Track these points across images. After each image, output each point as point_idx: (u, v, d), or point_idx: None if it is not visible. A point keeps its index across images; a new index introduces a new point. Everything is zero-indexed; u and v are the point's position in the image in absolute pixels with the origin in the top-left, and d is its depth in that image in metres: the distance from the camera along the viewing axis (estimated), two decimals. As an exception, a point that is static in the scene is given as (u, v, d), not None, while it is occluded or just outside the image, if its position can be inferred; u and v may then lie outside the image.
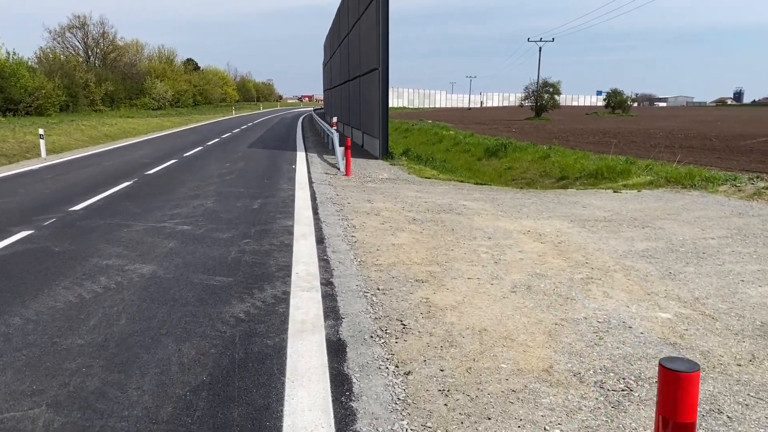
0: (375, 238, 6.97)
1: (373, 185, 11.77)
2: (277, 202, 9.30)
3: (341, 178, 12.65)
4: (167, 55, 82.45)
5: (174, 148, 19.69)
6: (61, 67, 49.66)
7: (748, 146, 26.17)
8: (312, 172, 13.35)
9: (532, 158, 19.35)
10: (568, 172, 16.21)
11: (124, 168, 13.94)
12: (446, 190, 11.55)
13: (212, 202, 9.12)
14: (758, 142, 28.05)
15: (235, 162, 15.21)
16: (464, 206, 9.47)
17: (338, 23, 30.09)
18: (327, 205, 9.15)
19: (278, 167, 14.20)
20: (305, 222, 7.73)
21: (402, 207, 9.19)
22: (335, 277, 5.31)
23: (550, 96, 67.09)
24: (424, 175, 13.99)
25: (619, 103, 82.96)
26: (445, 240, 7.00)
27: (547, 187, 16.01)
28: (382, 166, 15.32)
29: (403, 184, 12.23)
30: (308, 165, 14.85)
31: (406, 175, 13.87)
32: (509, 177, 18.26)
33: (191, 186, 10.90)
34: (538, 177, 17.07)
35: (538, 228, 7.95)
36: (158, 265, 5.59)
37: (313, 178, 12.34)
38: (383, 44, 16.39)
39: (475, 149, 24.27)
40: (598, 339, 4.22)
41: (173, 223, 7.56)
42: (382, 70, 16.50)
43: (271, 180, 11.88)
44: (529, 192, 11.77)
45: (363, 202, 9.53)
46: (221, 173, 12.85)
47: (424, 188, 11.61)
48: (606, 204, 10.13)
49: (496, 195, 11.02)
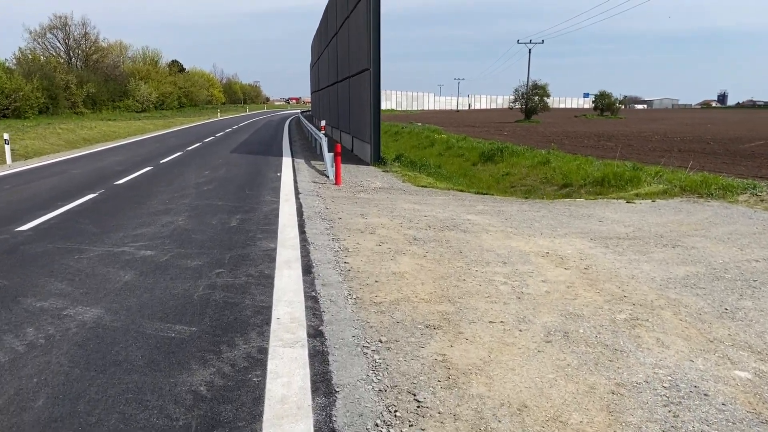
0: (372, 264, 5.93)
1: (365, 196, 10.73)
2: (258, 217, 8.23)
3: (331, 188, 11.59)
4: (152, 57, 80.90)
5: (152, 154, 18.52)
6: (40, 69, 48.09)
7: (748, 150, 25.44)
8: (299, 181, 12.28)
9: (530, 163, 18.41)
10: (571, 178, 15.27)
11: (93, 176, 12.78)
12: (446, 201, 10.53)
13: (184, 219, 8.02)
14: (757, 146, 27.35)
15: (216, 169, 14.09)
16: (469, 221, 8.46)
17: (326, 23, 29.04)
18: (315, 221, 8.09)
19: (262, 175, 13.11)
20: (290, 244, 6.67)
21: (400, 223, 8.16)
22: (326, 323, 4.26)
23: (539, 98, 66.52)
24: (420, 183, 12.97)
25: (607, 106, 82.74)
26: (454, 266, 5.98)
27: (549, 195, 15.06)
28: (375, 174, 14.28)
29: (399, 194, 11.21)
30: (295, 172, 13.78)
31: (401, 183, 12.84)
32: (508, 184, 17.30)
33: (164, 199, 9.78)
34: (539, 184, 16.12)
35: (557, 249, 6.96)
36: (106, 308, 4.50)
37: (300, 188, 11.27)
38: (374, 43, 15.37)
39: (469, 154, 23.32)
40: (673, 417, 3.21)
41: (135, 246, 6.46)
42: (374, 70, 15.47)
43: (253, 191, 10.79)
44: (535, 203, 10.79)
45: (356, 217, 8.48)
46: (199, 183, 11.74)
47: (422, 199, 10.59)
48: (623, 217, 9.16)
49: (501, 207, 10.03)
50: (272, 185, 11.59)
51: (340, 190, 11.42)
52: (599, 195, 13.66)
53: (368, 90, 15.78)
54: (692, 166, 18.48)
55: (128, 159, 16.80)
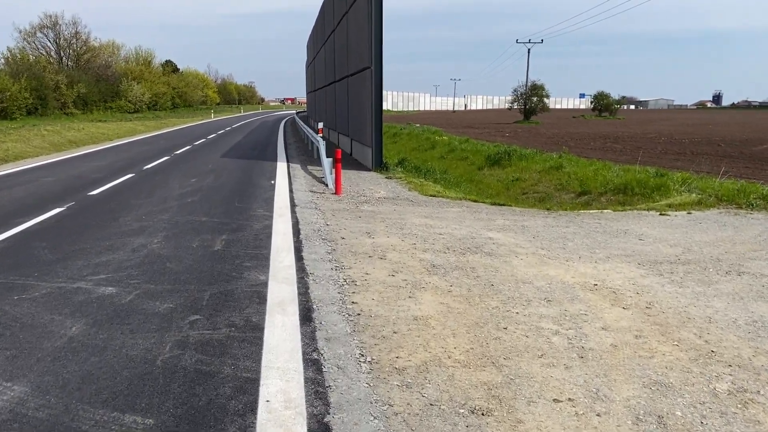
0: (387, 305, 4.77)
1: (369, 208, 9.56)
2: (248, 238, 7.05)
3: (330, 198, 10.43)
4: (145, 57, 79.47)
5: (137, 158, 17.30)
6: (29, 68, 46.74)
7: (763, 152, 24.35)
8: (295, 191, 11.11)
9: (541, 168, 17.28)
10: (589, 185, 14.15)
11: (67, 185, 11.56)
12: (460, 213, 9.38)
13: (160, 241, 6.83)
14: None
15: (204, 177, 12.89)
16: (492, 241, 7.31)
17: (322, 19, 27.86)
18: (314, 242, 6.92)
19: (254, 184, 11.92)
20: (285, 275, 5.50)
21: (413, 243, 7.00)
22: (334, 408, 3.09)
23: (538, 99, 65.56)
24: (428, 192, 11.81)
25: (605, 106, 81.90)
26: (488, 307, 4.82)
27: (568, 205, 13.93)
28: (377, 180, 13.11)
29: (406, 205, 10.05)
30: (290, 180, 12.60)
31: (407, 192, 11.68)
32: (519, 190, 16.17)
33: (140, 213, 8.58)
34: (554, 191, 14.99)
35: (605, 278, 5.81)
36: (33, 385, 3.32)
37: (296, 199, 10.09)
38: (376, 39, 14.22)
39: (474, 157, 22.19)
40: None
41: (94, 281, 5.28)
42: (375, 68, 14.31)
43: (243, 203, 9.60)
44: (560, 216, 9.64)
45: (361, 236, 7.31)
46: (183, 193, 10.53)
47: (433, 212, 9.43)
48: (664, 234, 8.03)
49: (523, 221, 8.88)
50: (265, 195, 10.41)
51: (340, 200, 10.25)
52: (624, 205, 12.53)
53: (369, 90, 14.62)
54: (712, 171, 17.40)
55: (110, 164, 15.57)
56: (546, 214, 9.75)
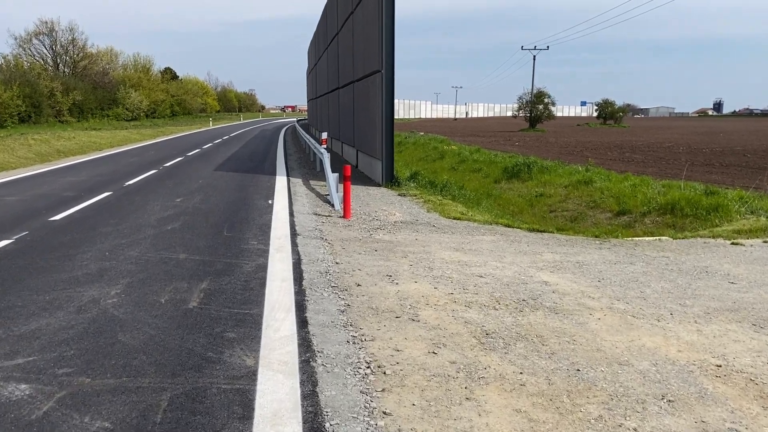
0: (436, 419, 3.14)
1: (386, 236, 7.95)
2: (235, 287, 5.42)
3: (338, 223, 8.81)
4: (143, 64, 78.00)
5: (121, 172, 15.69)
6: (22, 75, 45.26)
7: None
8: (296, 213, 9.49)
9: (567, 182, 15.68)
10: (627, 204, 12.54)
11: (27, 207, 9.92)
12: (495, 243, 7.76)
13: (118, 294, 5.20)
14: None
15: (191, 196, 11.25)
16: (549, 287, 5.69)
17: (325, 23, 26.34)
18: (322, 292, 5.30)
19: (249, 204, 10.30)
20: (282, 358, 3.87)
21: (449, 293, 5.38)
22: None
23: (544, 107, 64.12)
24: (450, 213, 10.19)
25: (610, 114, 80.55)
26: (588, 417, 3.19)
27: (603, 225, 12.31)
28: (389, 199, 11.50)
29: (429, 231, 8.43)
30: (290, 199, 10.98)
31: (426, 213, 10.07)
32: (545, 208, 14.55)
33: (104, 248, 6.94)
34: (586, 209, 13.38)
35: (722, 352, 4.19)
36: None
37: (298, 225, 8.48)
38: (387, 39, 12.66)
39: (489, 168, 20.60)
40: None
41: (3, 371, 3.65)
42: (386, 72, 12.74)
43: (234, 231, 7.97)
44: (614, 246, 8.00)
45: (382, 281, 5.69)
46: (163, 218, 8.89)
47: (463, 241, 7.81)
48: (757, 275, 6.40)
49: (575, 254, 7.25)
50: (261, 220, 8.78)
51: (350, 226, 8.63)
52: (673, 228, 10.92)
53: (379, 96, 13.04)
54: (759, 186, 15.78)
55: (89, 179, 13.95)
56: (597, 243, 8.12)
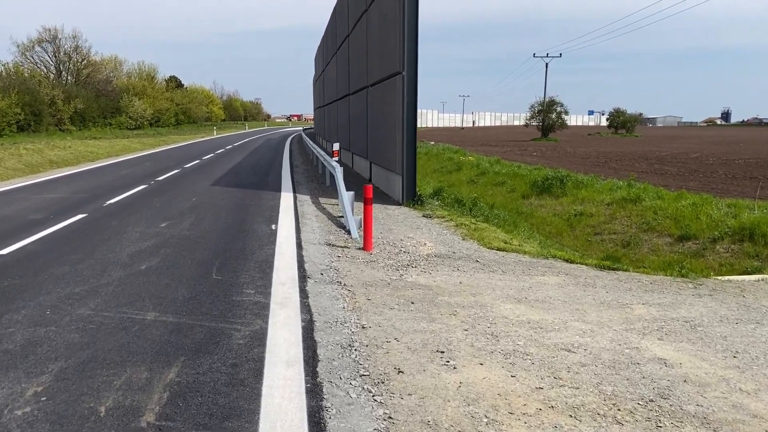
0: None
1: (422, 279, 6.17)
2: (216, 379, 3.65)
3: (358, 259, 7.03)
4: (148, 72, 76.69)
5: (106, 187, 13.99)
6: (22, 83, 43.87)
7: None
8: (305, 243, 7.72)
9: (610, 199, 13.89)
10: (690, 227, 10.73)
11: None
12: (564, 289, 5.98)
13: (37, 394, 3.44)
14: None
15: (179, 219, 9.49)
16: (673, 371, 3.91)
17: (333, 26, 24.71)
18: (348, 389, 3.53)
19: (247, 231, 8.54)
20: None
21: (537, 387, 3.61)
22: None
23: (557, 115, 62.40)
24: (490, 241, 8.41)
25: (622, 123, 78.81)
26: None
27: (665, 253, 10.50)
28: (414, 221, 9.73)
29: (473, 270, 6.65)
30: (298, 223, 9.22)
31: (461, 241, 8.30)
32: (588, 230, 12.75)
33: (47, 303, 5.17)
34: (639, 233, 11.57)
35: None
36: None
37: (308, 261, 6.72)
38: (410, 36, 10.96)
39: (513, 182, 18.81)
40: None
41: None
42: (409, 73, 11.03)
43: (226, 272, 6.20)
44: (712, 290, 6.20)
45: (432, 364, 3.93)
46: (138, 252, 7.13)
47: (523, 287, 6.03)
48: None
49: (674, 307, 5.46)
50: (261, 255, 7.02)
51: (373, 262, 6.87)
52: (757, 258, 9.10)
53: (399, 101, 11.32)
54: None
55: (68, 196, 12.24)
56: (690, 287, 6.31)
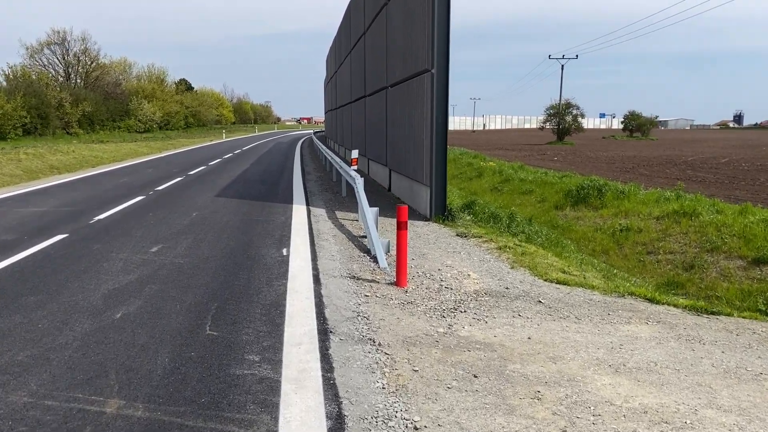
0: None
1: (479, 334, 4.78)
2: None
3: (392, 299, 5.64)
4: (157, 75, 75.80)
5: (98, 198, 12.67)
6: (28, 85, 42.92)
7: None
8: (323, 276, 6.34)
9: (659, 212, 12.40)
10: (764, 248, 9.25)
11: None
12: (666, 347, 4.57)
13: None
14: None
15: (174, 241, 8.12)
16: None
17: (348, 24, 23.38)
18: None
19: (254, 258, 7.16)
20: None
21: None
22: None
23: (573, 118, 60.79)
24: (546, 271, 6.98)
25: (637, 126, 77.09)
26: None
27: (738, 279, 9.04)
28: (448, 242, 8.32)
29: (539, 317, 5.25)
30: (313, 246, 7.85)
31: (510, 271, 6.89)
32: (638, 248, 11.28)
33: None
34: (701, 253, 10.10)
35: None
36: None
37: (329, 306, 5.33)
38: (441, 30, 9.58)
39: (542, 190, 17.35)
40: None
41: None
42: (439, 71, 9.65)
43: (223, 325, 4.82)
44: None
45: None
46: (116, 292, 5.77)
47: (611, 343, 4.62)
48: None
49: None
50: (270, 295, 5.64)
51: (411, 305, 5.47)
52: None
53: (428, 103, 9.94)
54: None
55: (53, 210, 10.93)
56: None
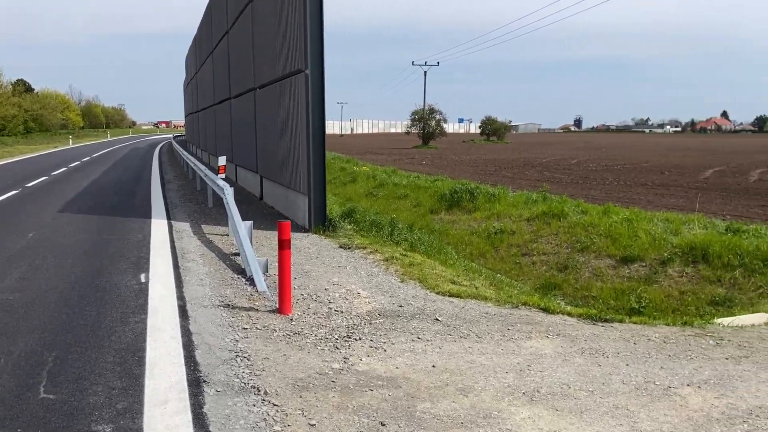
0: None
1: (377, 366, 4.24)
2: None
3: (275, 331, 4.92)
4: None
5: None
6: None
7: (739, 183, 21.36)
8: (191, 308, 5.45)
9: (529, 214, 12.75)
10: (631, 247, 9.73)
11: None
12: (568, 362, 4.33)
13: None
14: (758, 180, 23.40)
15: (2, 272, 6.74)
16: None
17: (209, 22, 21.96)
18: None
19: (104, 289, 6.04)
20: None
21: None
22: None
23: (436, 123, 63.14)
24: (435, 283, 6.63)
25: (494, 131, 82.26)
26: None
27: (610, 279, 9.37)
28: (332, 256, 7.72)
29: (438, 337, 4.82)
30: (177, 269, 6.85)
31: (398, 283, 6.45)
32: (513, 250, 11.45)
33: None
34: (573, 254, 10.42)
35: None
36: None
37: (201, 347, 4.50)
38: (314, 27, 8.98)
39: (417, 194, 17.38)
40: None
41: None
42: (314, 71, 9.04)
43: (63, 383, 3.76)
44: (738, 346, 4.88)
45: None
46: None
47: (513, 363, 4.31)
48: None
49: (721, 382, 4.01)
50: (125, 338, 4.67)
51: (299, 335, 4.80)
52: (719, 283, 8.15)
53: (302, 105, 9.30)
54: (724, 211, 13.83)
55: None
56: (714, 346, 4.93)
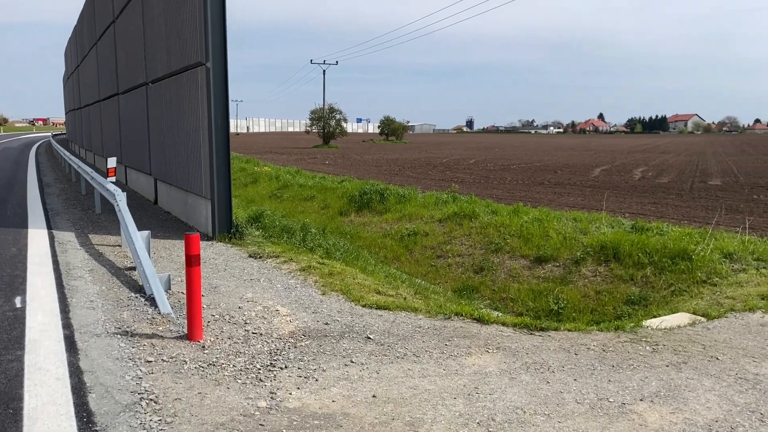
0: None
1: (310, 401, 3.70)
2: None
3: (184, 363, 4.23)
4: None
5: None
6: None
7: (627, 181, 22.54)
8: (80, 338, 4.61)
9: (440, 215, 12.62)
10: (544, 247, 9.82)
11: None
12: (515, 381, 4.04)
13: None
14: (643, 179, 24.74)
15: None
16: None
17: (92, 8, 20.09)
18: None
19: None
20: None
21: None
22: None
23: (336, 123, 62.84)
24: (360, 294, 6.17)
25: (392, 131, 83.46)
26: None
27: (525, 279, 9.35)
28: (243, 268, 7.02)
29: (373, 359, 4.37)
30: (62, 289, 5.90)
31: (322, 298, 5.92)
32: (428, 252, 11.24)
33: None
34: (487, 255, 10.34)
35: None
36: None
37: (95, 389, 3.73)
38: (215, 16, 8.22)
39: (324, 196, 16.86)
40: None
41: None
42: (216, 65, 8.28)
43: None
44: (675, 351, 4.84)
45: None
46: None
47: (458, 385, 3.94)
48: None
49: (669, 394, 3.88)
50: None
51: (213, 366, 4.15)
52: (632, 282, 8.31)
53: (204, 101, 8.50)
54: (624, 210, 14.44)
55: None
56: (652, 353, 4.84)
